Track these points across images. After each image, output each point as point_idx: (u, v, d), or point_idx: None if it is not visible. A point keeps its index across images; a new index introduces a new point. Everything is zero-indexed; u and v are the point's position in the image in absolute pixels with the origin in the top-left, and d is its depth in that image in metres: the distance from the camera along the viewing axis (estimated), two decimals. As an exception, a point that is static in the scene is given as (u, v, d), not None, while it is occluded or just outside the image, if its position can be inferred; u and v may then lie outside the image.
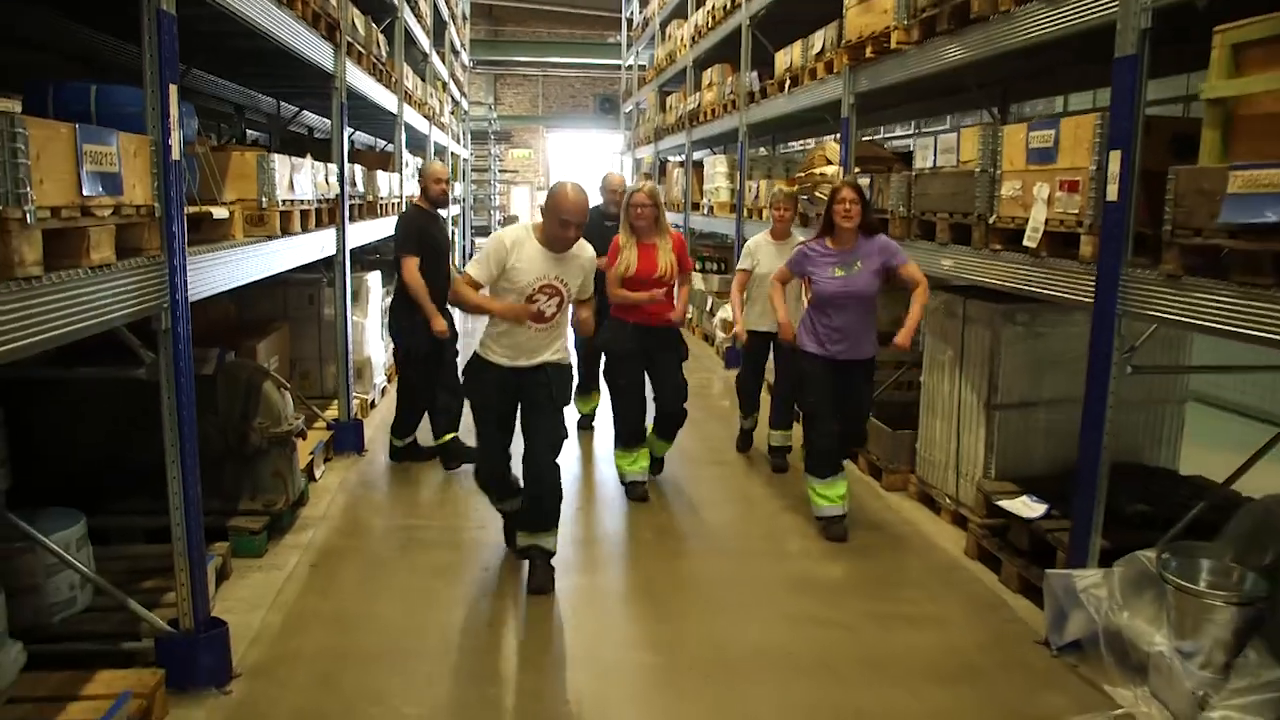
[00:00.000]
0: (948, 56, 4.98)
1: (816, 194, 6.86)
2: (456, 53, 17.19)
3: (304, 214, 4.97)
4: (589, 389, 6.80)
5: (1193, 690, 3.26)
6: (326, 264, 6.07)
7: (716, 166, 10.67)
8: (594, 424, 7.03)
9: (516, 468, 4.46)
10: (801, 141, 14.05)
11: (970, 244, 4.67)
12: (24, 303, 2.28)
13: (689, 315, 10.15)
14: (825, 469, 4.96)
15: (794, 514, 5.35)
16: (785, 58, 7.92)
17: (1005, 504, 4.55)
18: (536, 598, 4.24)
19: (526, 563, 4.37)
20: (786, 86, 7.90)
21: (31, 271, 2.25)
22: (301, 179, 4.92)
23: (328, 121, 10.51)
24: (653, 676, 3.67)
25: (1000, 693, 3.54)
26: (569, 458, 5.37)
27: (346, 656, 3.67)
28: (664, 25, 14.73)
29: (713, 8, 10.67)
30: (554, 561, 4.39)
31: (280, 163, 4.45)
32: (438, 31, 12.94)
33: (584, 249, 4.23)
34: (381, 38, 7.64)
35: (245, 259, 4.05)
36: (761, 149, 12.82)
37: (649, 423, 5.63)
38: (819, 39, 7.02)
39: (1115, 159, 3.54)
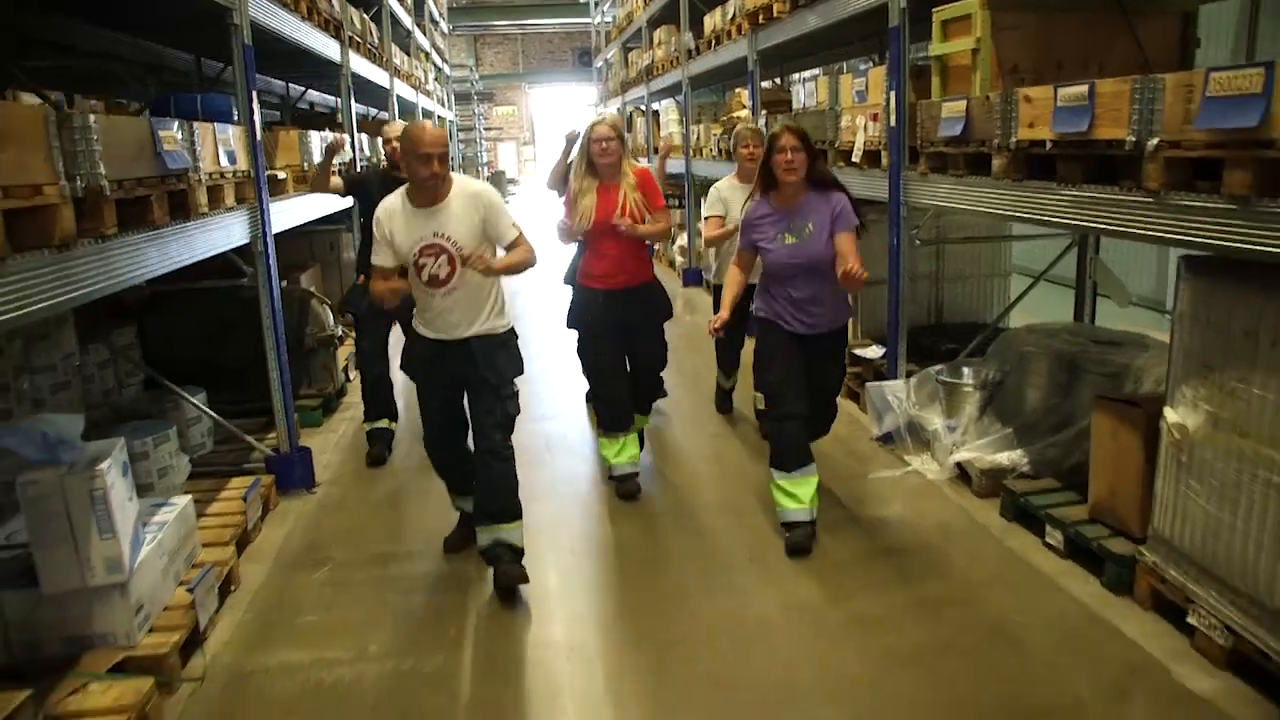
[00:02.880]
0: (808, 24, 6.57)
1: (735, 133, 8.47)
2: (435, 23, 18.65)
3: (334, 173, 6.59)
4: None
5: (951, 446, 4.97)
6: (345, 214, 7.68)
7: (670, 113, 12.25)
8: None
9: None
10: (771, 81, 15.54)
11: (826, 163, 6.30)
12: (200, 230, 3.94)
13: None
14: (792, 460, 4.18)
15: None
16: (711, 21, 9.47)
17: (860, 352, 6.25)
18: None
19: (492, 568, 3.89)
20: (713, 44, 9.46)
21: (204, 212, 3.92)
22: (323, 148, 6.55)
23: (327, 97, 12.12)
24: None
25: (840, 466, 5.21)
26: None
27: (384, 473, 5.38)
28: (623, -14, 16.17)
29: (658, -27, 12.17)
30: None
31: (313, 137, 6.10)
32: (418, 6, 14.45)
33: (465, 189, 3.72)
34: (372, 25, 9.20)
35: (297, 207, 5.70)
36: (713, 97, 14.32)
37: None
38: (731, 6, 8.57)
39: (892, 97, 5.17)
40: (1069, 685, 3.13)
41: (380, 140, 5.63)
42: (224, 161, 4.20)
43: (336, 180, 5.52)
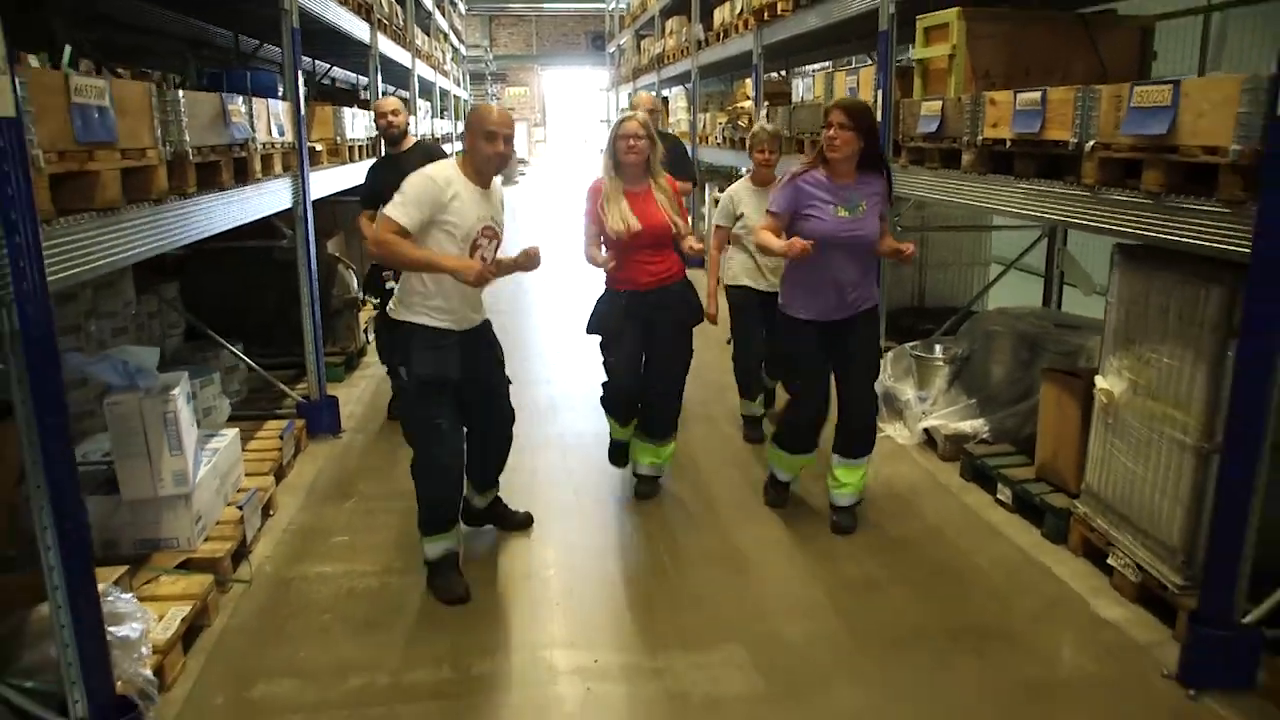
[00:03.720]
0: (808, 23, 7.03)
1: (739, 123, 8.95)
2: (454, 3, 19.08)
3: (360, 148, 7.09)
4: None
5: (920, 414, 5.47)
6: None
7: (678, 101, 12.72)
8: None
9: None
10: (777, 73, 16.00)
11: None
12: (256, 193, 4.43)
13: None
14: (797, 447, 4.36)
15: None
16: (720, 14, 9.91)
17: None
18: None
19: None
20: (721, 37, 9.92)
21: (259, 177, 4.41)
22: (356, 123, 7.04)
23: (348, 74, 12.58)
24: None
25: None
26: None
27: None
28: (638, -25, 16.60)
29: (672, -35, 12.62)
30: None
31: (346, 113, 6.58)
32: (438, -11, 14.91)
33: (495, 182, 3.67)
34: (398, 8, 9.67)
35: (330, 177, 6.19)
36: (720, 86, 14.77)
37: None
38: (739, 2, 9.02)
39: (879, 95, 5.64)
40: (1001, 613, 3.64)
41: (375, 114, 5.50)
42: (274, 134, 4.69)
43: (364, 218, 5.41)
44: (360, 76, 13.43)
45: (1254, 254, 2.83)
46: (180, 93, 3.30)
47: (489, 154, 3.49)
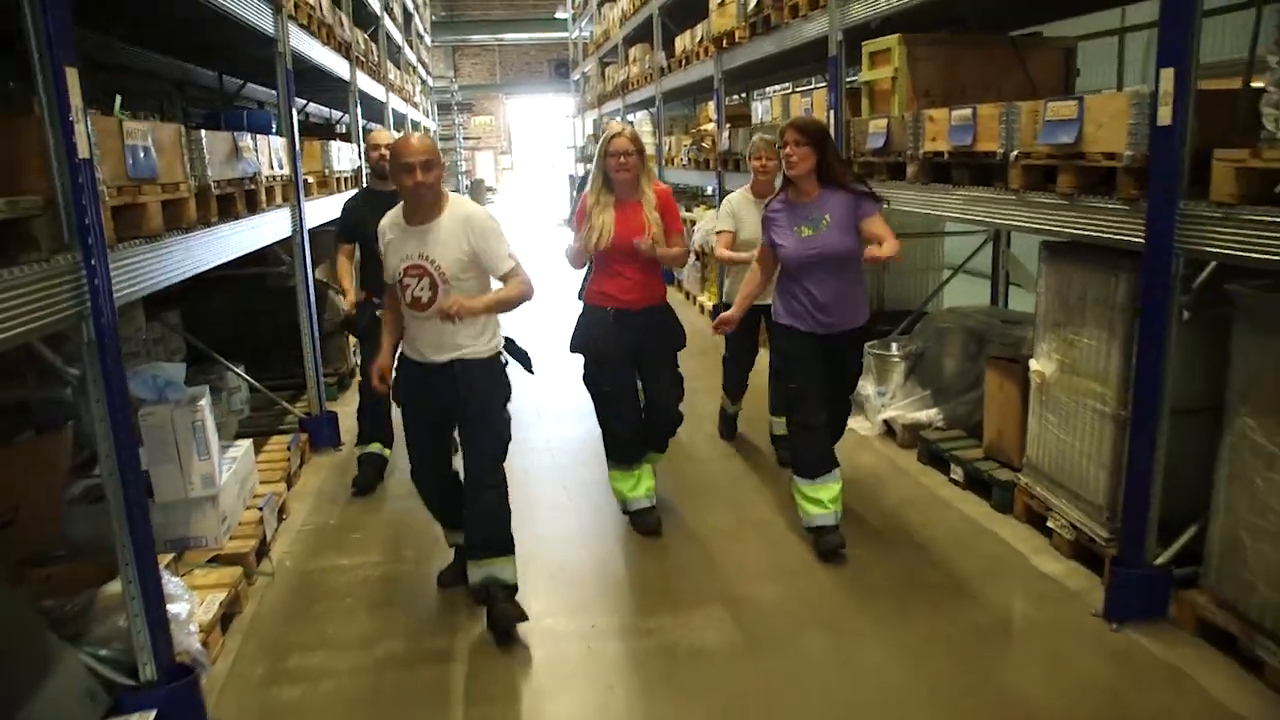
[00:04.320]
0: (764, 49, 7.52)
1: (703, 144, 9.44)
2: (421, 37, 19.54)
3: (345, 179, 7.49)
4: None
5: (880, 407, 5.92)
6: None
7: (644, 125, 13.19)
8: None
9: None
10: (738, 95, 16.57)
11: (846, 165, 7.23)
12: (263, 222, 4.82)
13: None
14: (816, 468, 4.23)
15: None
16: (681, 42, 10.41)
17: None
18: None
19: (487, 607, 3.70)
20: (683, 63, 10.42)
21: (264, 208, 4.80)
22: (341, 156, 7.45)
23: (322, 109, 12.98)
24: None
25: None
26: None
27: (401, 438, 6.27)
28: (600, 5, 17.12)
29: (633, -4, 13.14)
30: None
31: (333, 147, 6.99)
32: (406, 23, 15.34)
33: (458, 212, 3.51)
34: (372, 44, 10.09)
35: (320, 208, 6.58)
36: (685, 110, 15.29)
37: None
38: (699, 30, 9.52)
39: (831, 114, 6.13)
40: (951, 570, 4.07)
41: (370, 146, 5.40)
42: (275, 167, 5.09)
43: (345, 253, 5.23)
44: (333, 111, 13.88)
45: (1146, 243, 3.30)
46: (203, 133, 3.70)
47: (407, 186, 3.39)
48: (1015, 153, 4.07)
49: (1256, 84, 3.18)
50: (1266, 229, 2.85)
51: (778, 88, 13.31)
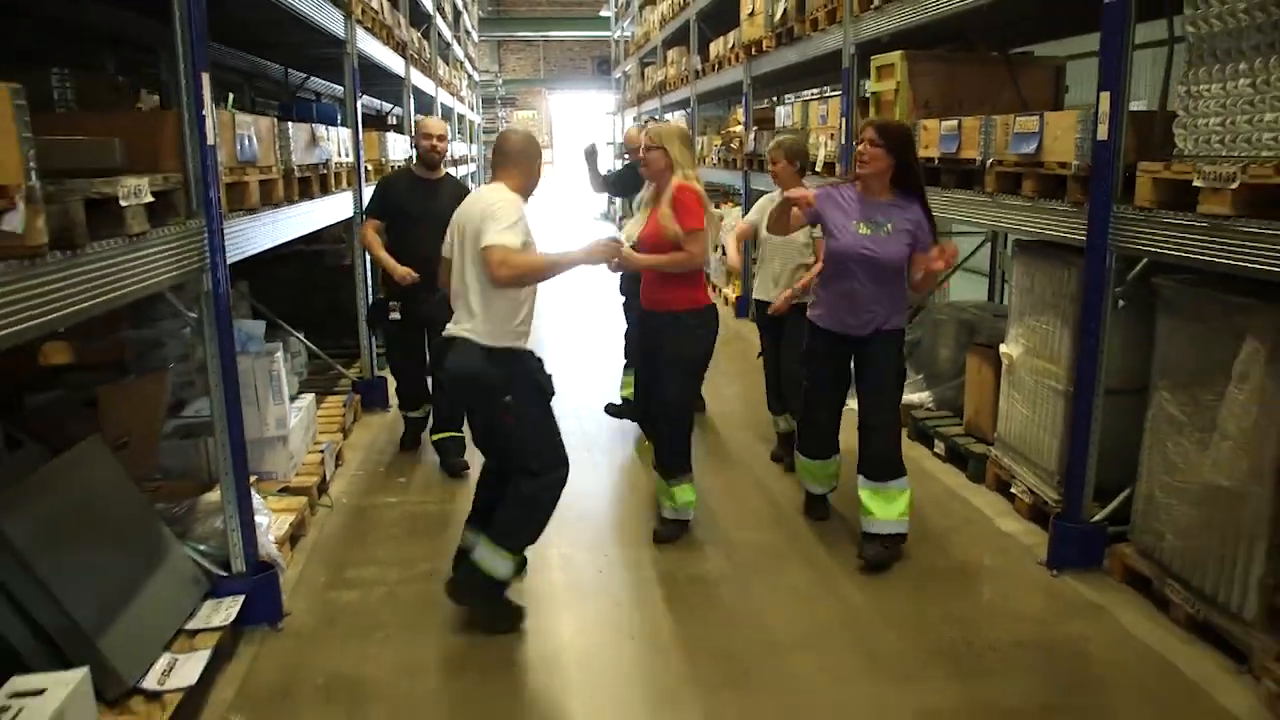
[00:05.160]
0: (788, 58, 8.10)
1: (731, 145, 10.03)
2: (469, 33, 20.27)
3: (397, 167, 8.16)
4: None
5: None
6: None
7: (680, 124, 13.81)
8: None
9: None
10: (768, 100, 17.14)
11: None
12: (333, 203, 5.48)
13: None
14: (814, 450, 4.54)
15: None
16: (715, 48, 11.01)
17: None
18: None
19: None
20: (716, 68, 11.01)
21: (333, 190, 5.46)
22: (396, 147, 8.13)
23: (372, 100, 13.71)
24: None
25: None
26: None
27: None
28: (642, 7, 17.73)
29: (673, 1, 13.73)
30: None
31: (390, 138, 7.67)
32: (455, 20, 16.05)
33: (478, 198, 3.58)
34: (425, 42, 10.77)
35: (376, 193, 7.25)
36: (718, 111, 15.87)
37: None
38: (731, 37, 10.11)
39: (844, 121, 6.70)
40: (922, 528, 4.62)
41: (420, 134, 5.30)
42: (342, 155, 5.75)
43: (370, 227, 5.33)
44: (384, 103, 14.62)
45: (1087, 240, 3.87)
46: (290, 125, 4.37)
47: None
48: (991, 160, 4.63)
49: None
50: (1175, 230, 3.41)
51: (809, 93, 13.85)
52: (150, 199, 2.81)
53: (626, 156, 6.53)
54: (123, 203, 2.59)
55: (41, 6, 4.91)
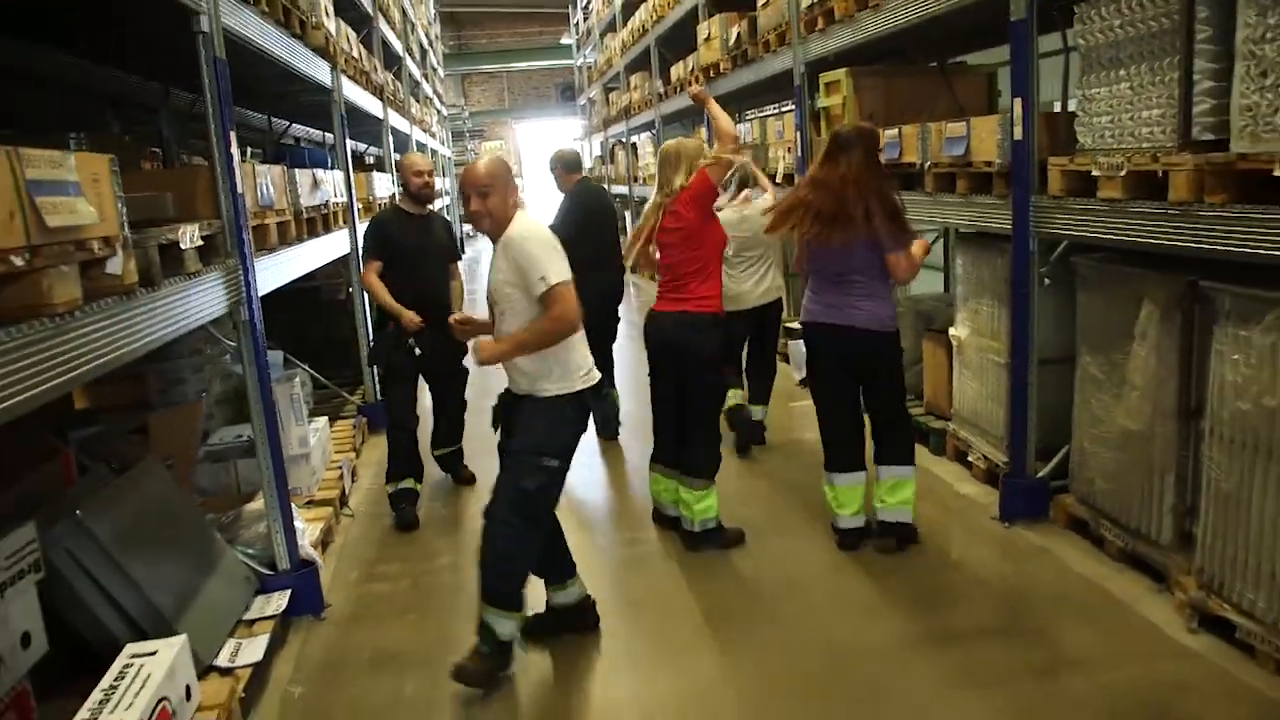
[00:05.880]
0: (744, 79, 8.66)
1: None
2: (435, 70, 20.82)
3: (382, 205, 8.65)
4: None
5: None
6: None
7: (646, 147, 14.36)
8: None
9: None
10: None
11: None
12: (332, 241, 5.96)
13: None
14: (840, 463, 4.50)
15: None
16: (676, 71, 11.57)
17: (790, 325, 8.28)
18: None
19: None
20: (677, 90, 11.57)
21: (332, 229, 5.94)
22: (380, 185, 8.62)
23: (352, 142, 14.21)
24: None
25: (775, 400, 7.23)
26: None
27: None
28: (603, 35, 18.35)
29: (633, 28, 14.32)
30: None
31: (375, 178, 8.16)
32: (422, 58, 16.59)
33: (509, 234, 3.41)
34: (397, 83, 11.29)
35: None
36: (683, 131, 16.42)
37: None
38: (690, 61, 10.67)
39: (798, 135, 7.24)
40: (890, 495, 5.14)
41: (409, 171, 5.22)
42: (337, 196, 6.24)
43: (373, 270, 5.14)
44: (358, 143, 15.17)
45: (1013, 228, 4.40)
46: (297, 171, 4.85)
47: (469, 210, 3.46)
48: (929, 163, 5.17)
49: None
50: (1082, 214, 3.95)
51: (770, 109, 14.46)
52: (200, 242, 3.28)
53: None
54: (183, 246, 3.07)
55: (55, 72, 5.37)
